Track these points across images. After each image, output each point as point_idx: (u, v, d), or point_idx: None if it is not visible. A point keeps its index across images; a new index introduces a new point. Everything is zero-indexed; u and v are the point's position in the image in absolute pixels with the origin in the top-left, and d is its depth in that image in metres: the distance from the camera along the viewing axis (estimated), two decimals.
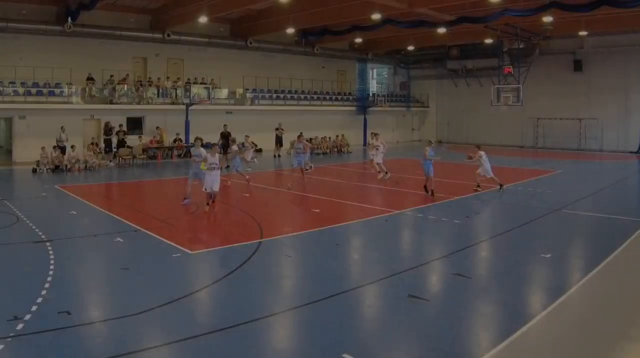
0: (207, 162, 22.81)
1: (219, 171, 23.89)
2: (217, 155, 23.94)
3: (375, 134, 36.84)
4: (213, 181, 23.38)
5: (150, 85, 50.24)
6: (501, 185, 29.50)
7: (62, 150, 39.29)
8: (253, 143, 40.79)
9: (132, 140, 46.43)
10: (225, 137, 41.92)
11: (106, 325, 11.47)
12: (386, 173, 34.30)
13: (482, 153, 29.47)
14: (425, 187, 28.35)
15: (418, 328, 11.45)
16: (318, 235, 20.04)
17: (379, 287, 14.16)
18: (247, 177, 32.08)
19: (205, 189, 23.41)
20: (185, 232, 20.66)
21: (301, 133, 34.84)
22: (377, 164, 35.05)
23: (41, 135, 40.91)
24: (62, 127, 41.13)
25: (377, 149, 35.35)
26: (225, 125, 46.29)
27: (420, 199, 27.29)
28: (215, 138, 51.33)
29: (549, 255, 17.08)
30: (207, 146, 28.59)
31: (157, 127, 48.77)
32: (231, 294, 13.49)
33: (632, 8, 39.95)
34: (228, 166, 34.86)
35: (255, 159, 38.09)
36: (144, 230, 19.88)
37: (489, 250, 18.66)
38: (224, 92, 55.29)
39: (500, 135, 67.74)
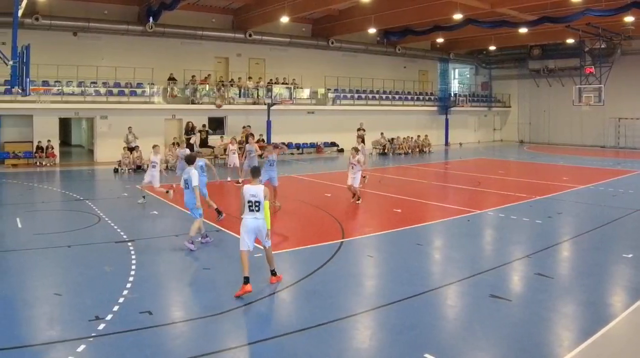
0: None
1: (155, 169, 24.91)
2: (158, 155, 25.26)
3: (356, 149, 27.54)
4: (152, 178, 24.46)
5: (232, 85, 50.64)
6: None
7: (131, 151, 39.66)
8: (261, 145, 34.75)
9: (214, 140, 46.83)
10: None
11: (188, 325, 11.62)
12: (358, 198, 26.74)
13: None
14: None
15: (500, 328, 11.34)
16: (399, 235, 19.95)
17: (460, 286, 14.05)
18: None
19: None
20: None
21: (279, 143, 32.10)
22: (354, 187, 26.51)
23: (123, 135, 41.66)
24: (129, 128, 41.69)
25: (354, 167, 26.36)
26: (202, 126, 46.69)
27: (502, 199, 27.00)
28: (295, 138, 51.67)
29: (630, 255, 16.76)
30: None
31: (243, 127, 49.08)
32: (312, 294, 13.48)
33: None
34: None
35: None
36: (226, 230, 20.08)
37: (571, 250, 18.39)
38: (305, 92, 55.45)
39: (582, 136, 66.78)
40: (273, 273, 14.12)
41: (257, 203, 13.55)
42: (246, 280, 12.96)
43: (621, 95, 60.48)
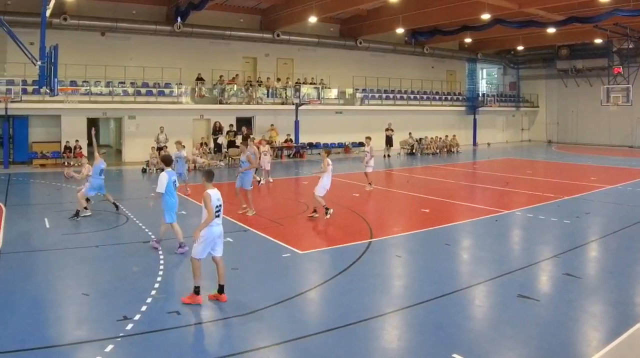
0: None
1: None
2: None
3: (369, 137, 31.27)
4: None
5: (260, 85, 50.81)
6: None
7: (159, 150, 39.69)
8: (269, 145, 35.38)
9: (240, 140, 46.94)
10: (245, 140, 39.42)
11: (216, 325, 11.74)
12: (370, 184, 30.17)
13: None
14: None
15: (528, 328, 11.31)
16: (428, 235, 19.99)
17: (488, 286, 14.08)
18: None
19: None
20: (295, 232, 20.80)
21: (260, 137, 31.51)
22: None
23: (150, 135, 41.89)
24: (161, 128, 41.88)
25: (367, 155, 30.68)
26: (229, 126, 46.25)
27: (530, 199, 26.91)
28: (323, 138, 51.71)
29: None
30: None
31: (271, 125, 49.18)
32: (341, 294, 13.52)
33: None
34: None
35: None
36: (254, 230, 20.17)
37: (599, 250, 18.34)
38: (333, 92, 55.41)
39: (610, 136, 66.34)
40: (221, 290, 13.00)
41: (219, 208, 13.01)
42: (197, 290, 12.72)
43: None
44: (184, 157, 28.40)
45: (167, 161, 18.41)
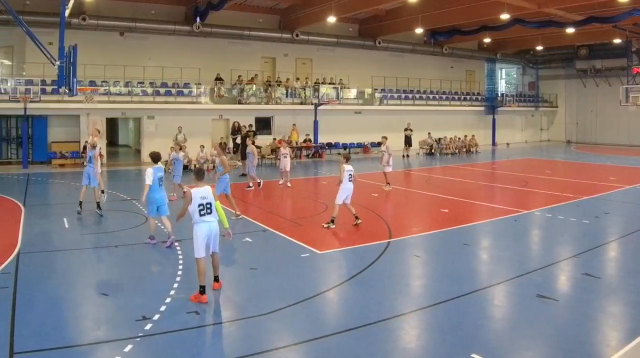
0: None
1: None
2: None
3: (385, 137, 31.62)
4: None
5: (279, 85, 50.98)
6: None
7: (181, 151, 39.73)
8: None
9: (261, 140, 47.01)
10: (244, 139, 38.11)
11: (234, 325, 11.76)
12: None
13: None
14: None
15: (547, 328, 11.29)
16: (446, 235, 19.96)
17: (507, 286, 14.05)
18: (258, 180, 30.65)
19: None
20: (314, 232, 20.71)
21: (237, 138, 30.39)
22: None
23: (169, 135, 41.70)
24: (179, 128, 41.72)
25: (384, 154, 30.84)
26: (249, 126, 44.06)
27: (549, 199, 26.85)
28: (342, 138, 51.76)
29: None
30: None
31: (293, 125, 49.23)
32: (360, 294, 13.53)
33: None
34: (244, 174, 33.85)
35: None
36: (273, 230, 20.22)
37: (618, 250, 18.28)
38: (352, 92, 55.46)
39: (629, 136, 66.31)
40: (216, 279, 13.68)
41: (208, 206, 13.14)
42: (202, 290, 12.80)
43: None
44: (181, 159, 28.33)
45: (155, 158, 18.73)
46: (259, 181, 30.32)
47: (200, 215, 12.99)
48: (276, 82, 51.42)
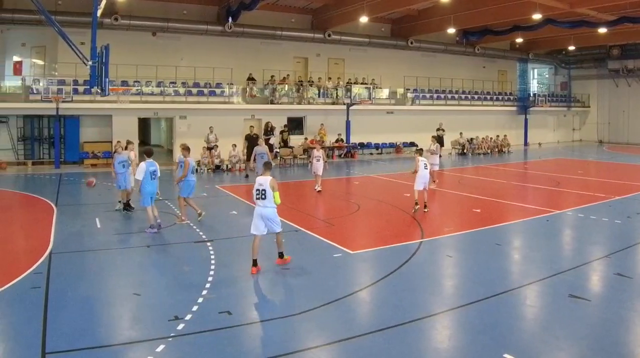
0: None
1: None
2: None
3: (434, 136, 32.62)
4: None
5: (311, 86, 51.08)
6: None
7: (210, 150, 39.97)
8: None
9: (293, 140, 47.16)
10: (253, 140, 37.97)
11: (267, 325, 11.80)
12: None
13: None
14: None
15: (579, 328, 11.31)
16: (479, 235, 19.93)
17: (540, 286, 14.01)
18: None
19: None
20: (346, 232, 20.82)
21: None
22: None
23: (201, 135, 41.84)
24: (210, 128, 41.85)
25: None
26: (251, 127, 43.57)
27: (582, 199, 26.74)
28: (374, 138, 51.76)
29: None
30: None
31: (321, 124, 49.21)
32: (392, 294, 13.56)
33: None
34: (247, 176, 33.98)
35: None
36: (305, 230, 20.27)
37: None
38: (384, 92, 55.50)
39: None
40: (281, 255, 15.72)
41: (263, 192, 15.06)
42: (254, 263, 15.00)
43: None
44: (193, 164, 28.36)
45: (148, 153, 20.59)
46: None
47: (257, 198, 15.18)
48: (308, 82, 51.53)
